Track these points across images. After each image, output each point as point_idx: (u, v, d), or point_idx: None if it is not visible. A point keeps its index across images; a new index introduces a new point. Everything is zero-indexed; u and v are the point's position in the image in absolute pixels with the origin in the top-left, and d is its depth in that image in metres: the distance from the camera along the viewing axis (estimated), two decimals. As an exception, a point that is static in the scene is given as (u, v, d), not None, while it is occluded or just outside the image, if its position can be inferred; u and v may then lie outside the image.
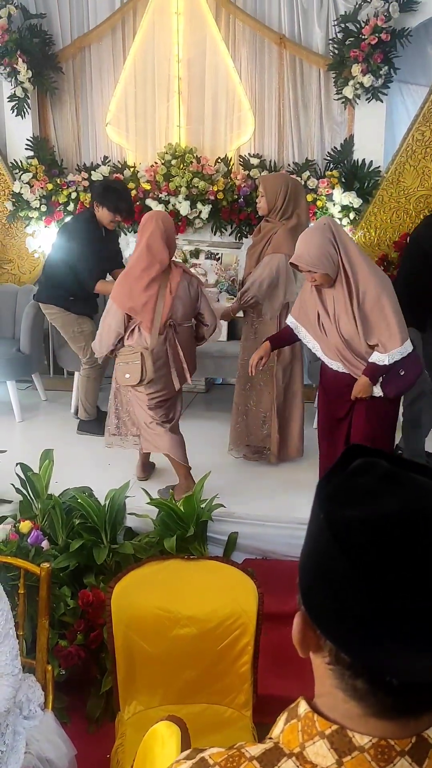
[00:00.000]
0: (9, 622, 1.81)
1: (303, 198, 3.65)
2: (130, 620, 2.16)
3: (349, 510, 0.64)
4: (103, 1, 5.03)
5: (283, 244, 3.48)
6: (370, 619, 0.61)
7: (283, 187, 3.53)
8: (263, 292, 3.54)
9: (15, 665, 1.82)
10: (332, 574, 0.64)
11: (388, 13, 4.49)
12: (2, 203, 5.18)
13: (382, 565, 0.61)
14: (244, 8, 4.87)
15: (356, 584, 0.62)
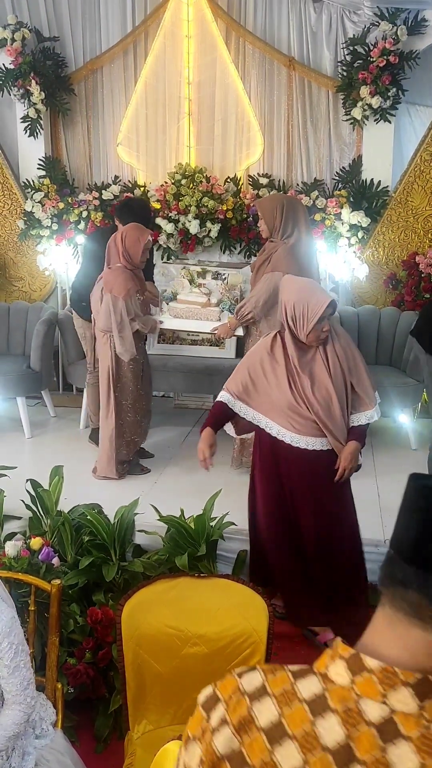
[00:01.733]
0: (19, 655, 1.79)
1: (302, 213, 3.67)
2: (140, 638, 2.15)
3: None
4: (115, 24, 5.12)
5: (282, 262, 3.52)
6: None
7: (278, 207, 3.57)
8: (260, 309, 3.56)
9: (27, 695, 1.81)
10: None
11: (396, 36, 4.56)
12: (14, 222, 5.25)
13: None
14: (254, 31, 4.95)
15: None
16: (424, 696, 0.74)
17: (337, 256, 4.85)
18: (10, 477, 3.48)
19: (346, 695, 0.77)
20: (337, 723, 0.76)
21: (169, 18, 4.99)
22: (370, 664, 0.77)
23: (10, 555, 2.81)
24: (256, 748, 0.79)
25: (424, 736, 0.72)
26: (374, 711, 0.75)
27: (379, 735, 0.74)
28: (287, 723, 0.78)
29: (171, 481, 3.86)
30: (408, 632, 0.78)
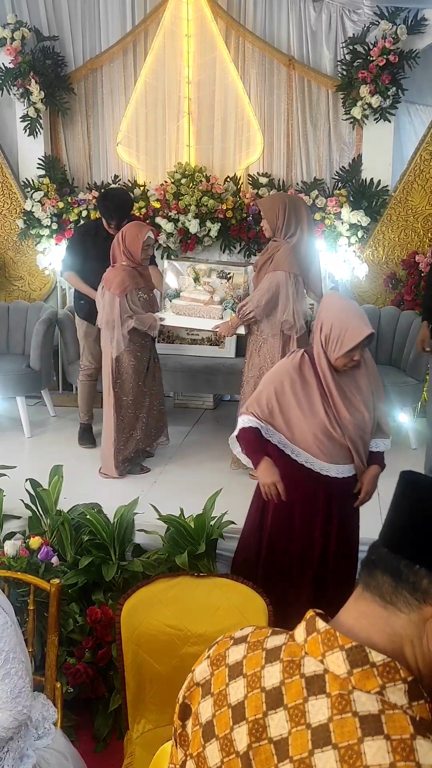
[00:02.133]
0: (9, 662, 1.75)
1: (304, 212, 3.66)
2: (139, 638, 2.15)
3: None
4: (115, 23, 5.12)
5: (284, 261, 3.51)
6: None
7: (280, 206, 3.56)
8: (261, 309, 3.56)
9: (18, 702, 1.76)
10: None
11: (396, 35, 4.56)
12: (14, 221, 5.25)
13: None
14: (253, 31, 4.95)
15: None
16: (354, 663, 0.80)
17: (337, 255, 4.85)
18: (9, 476, 3.48)
19: (297, 651, 0.86)
20: (278, 670, 0.86)
21: (168, 17, 4.99)
22: (318, 626, 0.86)
23: (9, 554, 2.81)
24: (219, 679, 0.92)
25: (341, 695, 0.80)
26: (311, 666, 0.83)
27: (306, 686, 0.82)
28: (245, 664, 0.90)
29: (171, 481, 3.86)
30: (368, 607, 0.85)
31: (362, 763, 0.75)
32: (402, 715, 0.77)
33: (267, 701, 0.84)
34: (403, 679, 0.80)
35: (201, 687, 0.94)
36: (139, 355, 3.83)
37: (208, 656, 0.96)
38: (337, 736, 0.77)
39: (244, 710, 0.86)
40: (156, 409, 4.04)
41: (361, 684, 0.79)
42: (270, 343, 3.61)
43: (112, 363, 3.81)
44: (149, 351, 3.93)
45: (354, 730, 0.77)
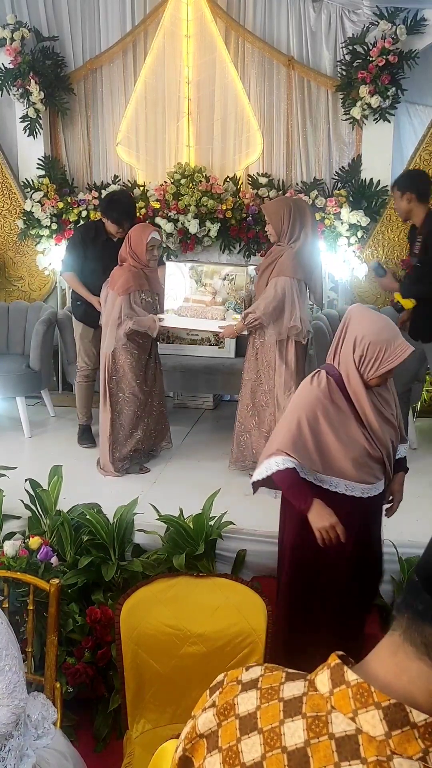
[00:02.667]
0: (2, 660, 1.78)
1: (309, 215, 3.66)
2: (139, 638, 2.15)
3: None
4: (114, 24, 5.12)
5: (289, 267, 3.51)
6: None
7: (285, 210, 3.55)
8: (269, 316, 3.55)
9: (15, 697, 1.79)
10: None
11: (396, 36, 4.56)
12: (14, 221, 5.25)
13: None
14: (253, 31, 4.95)
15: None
16: (393, 723, 0.71)
17: (337, 255, 4.85)
18: (9, 476, 3.48)
19: (322, 704, 0.76)
20: (302, 727, 0.75)
21: (168, 17, 4.99)
22: (348, 678, 0.75)
23: (8, 554, 2.81)
24: (229, 733, 0.81)
25: (379, 762, 0.70)
26: (340, 725, 0.73)
27: (336, 749, 0.72)
28: (260, 716, 0.79)
29: (170, 481, 3.86)
30: (412, 664, 0.74)
31: None
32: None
33: (290, 764, 0.74)
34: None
35: (206, 739, 0.83)
36: (136, 354, 3.83)
37: (212, 704, 0.85)
38: None
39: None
40: (157, 410, 4.04)
41: (402, 748, 0.70)
42: (269, 347, 3.62)
43: (107, 360, 3.82)
44: (148, 351, 3.93)
45: None
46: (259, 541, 3.24)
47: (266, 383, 3.67)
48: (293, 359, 3.60)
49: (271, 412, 3.67)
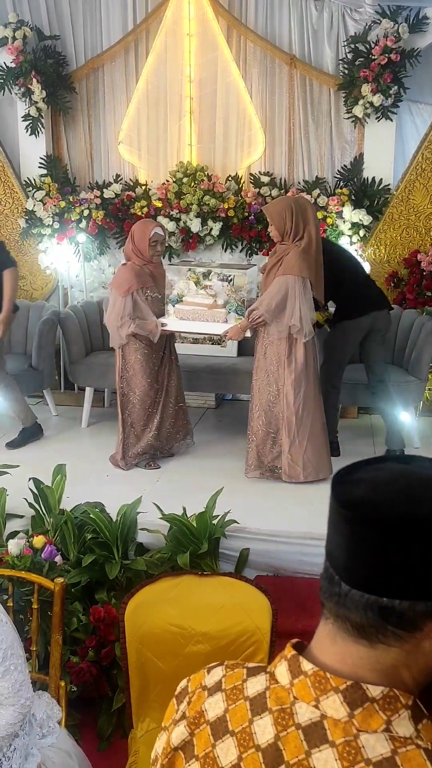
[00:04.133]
0: (8, 659, 1.79)
1: (311, 213, 3.65)
2: (143, 637, 2.15)
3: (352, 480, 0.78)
4: (116, 22, 5.12)
5: (294, 265, 3.50)
6: None
7: (287, 210, 3.54)
8: (271, 312, 3.54)
9: (21, 695, 1.80)
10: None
11: (398, 34, 4.56)
12: (16, 220, 5.25)
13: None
14: (255, 29, 4.95)
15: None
16: (353, 703, 0.73)
17: (339, 254, 4.84)
18: (12, 475, 3.48)
19: (285, 696, 0.78)
20: (270, 723, 0.77)
21: (170, 16, 4.99)
22: (305, 668, 0.77)
23: (13, 553, 2.81)
24: (203, 740, 0.81)
25: (347, 743, 0.72)
26: (305, 714, 0.75)
27: (304, 738, 0.74)
28: (230, 719, 0.80)
29: (173, 479, 3.86)
30: (351, 648, 0.76)
31: None
32: (416, 751, 0.72)
33: (266, 761, 0.76)
34: (405, 705, 0.74)
35: (182, 751, 0.83)
36: (147, 353, 3.83)
37: (183, 715, 0.85)
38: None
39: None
40: (174, 407, 4.03)
41: (366, 725, 0.73)
42: (276, 345, 3.61)
43: (118, 359, 3.83)
44: (162, 348, 3.93)
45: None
46: (262, 539, 3.24)
47: (274, 383, 3.66)
48: (302, 358, 3.59)
49: (279, 412, 3.66)
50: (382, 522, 0.73)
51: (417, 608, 0.73)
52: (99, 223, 5.06)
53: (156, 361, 3.90)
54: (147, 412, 3.91)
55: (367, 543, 0.74)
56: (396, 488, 0.76)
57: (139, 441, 3.95)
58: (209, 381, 4.69)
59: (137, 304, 3.75)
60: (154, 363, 3.89)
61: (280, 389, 3.64)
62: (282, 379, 3.62)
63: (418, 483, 0.77)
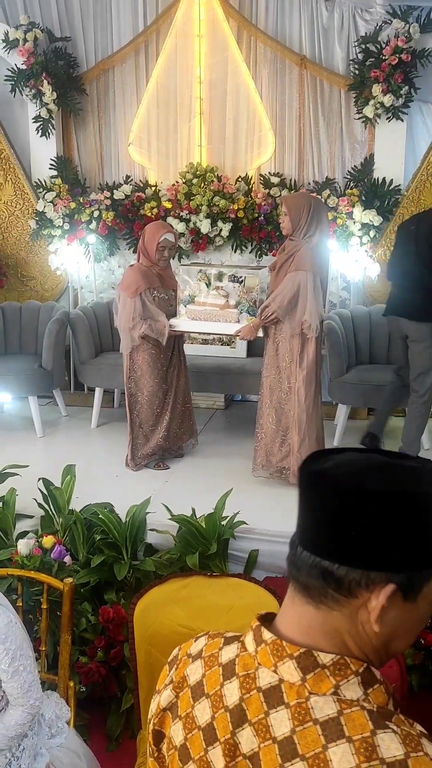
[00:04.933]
0: (18, 660, 1.79)
1: (325, 215, 3.66)
2: (152, 637, 2.15)
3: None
4: (126, 24, 5.13)
5: (306, 261, 3.49)
6: None
7: (306, 206, 3.54)
8: (284, 309, 3.54)
9: (30, 696, 1.80)
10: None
11: (409, 34, 4.54)
12: (26, 221, 5.27)
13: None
14: (265, 30, 4.94)
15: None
16: (305, 669, 0.82)
17: (349, 255, 4.83)
18: (22, 476, 3.49)
19: (250, 663, 0.87)
20: (237, 686, 0.86)
21: (180, 17, 4.99)
22: (265, 637, 0.86)
23: (22, 553, 2.82)
24: (185, 702, 0.92)
25: (299, 704, 0.81)
26: (266, 678, 0.84)
27: (264, 699, 0.83)
28: (206, 683, 0.90)
29: (182, 480, 3.86)
30: (302, 609, 0.85)
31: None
32: (360, 712, 0.79)
33: (232, 720, 0.85)
34: (354, 672, 0.82)
35: (169, 711, 0.94)
36: (155, 353, 3.84)
37: (171, 680, 0.96)
38: (302, 747, 0.79)
39: (214, 731, 0.87)
40: (181, 407, 4.04)
41: (317, 688, 0.81)
42: (289, 342, 3.60)
43: (127, 360, 3.84)
44: (171, 348, 3.93)
45: (317, 738, 0.79)
46: (272, 541, 3.23)
47: (286, 380, 3.64)
48: (313, 355, 3.58)
49: (290, 410, 3.64)
50: (331, 489, 0.82)
51: (352, 575, 0.81)
52: (109, 224, 5.07)
53: (164, 361, 3.91)
54: (155, 412, 3.91)
55: (317, 508, 0.84)
56: (356, 467, 0.84)
57: (148, 442, 3.95)
58: (218, 382, 4.69)
59: (145, 304, 3.76)
60: (163, 363, 3.90)
61: (291, 386, 3.63)
62: (294, 376, 3.61)
63: (378, 465, 0.84)
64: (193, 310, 3.92)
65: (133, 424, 3.92)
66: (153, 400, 3.89)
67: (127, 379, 3.89)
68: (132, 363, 3.85)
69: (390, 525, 0.80)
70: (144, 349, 3.82)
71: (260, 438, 3.75)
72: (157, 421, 3.94)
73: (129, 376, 3.88)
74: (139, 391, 3.89)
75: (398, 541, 0.80)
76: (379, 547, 0.80)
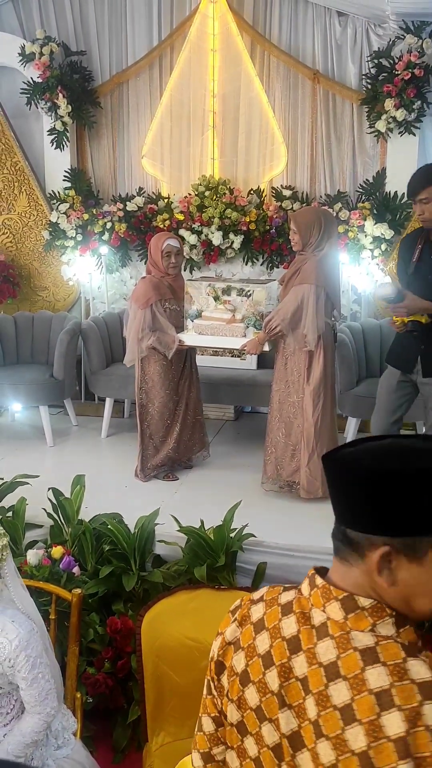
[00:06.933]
0: (37, 667, 1.81)
1: (335, 228, 3.66)
2: (159, 650, 2.15)
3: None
4: (141, 38, 5.19)
5: (311, 274, 3.49)
6: None
7: (316, 222, 3.53)
8: (288, 322, 3.53)
9: (47, 704, 1.83)
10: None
11: (422, 49, 4.56)
12: (40, 232, 5.32)
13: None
14: (278, 45, 4.98)
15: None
16: (348, 609, 0.99)
17: (360, 268, 4.84)
18: (32, 485, 3.50)
19: (305, 603, 1.05)
20: (294, 621, 1.04)
21: (194, 32, 5.04)
22: (317, 582, 1.05)
23: (31, 563, 2.83)
24: (247, 635, 1.10)
25: (341, 637, 0.98)
26: (317, 617, 1.03)
27: (315, 633, 1.01)
28: (266, 619, 1.08)
29: (191, 491, 3.86)
30: (339, 565, 1.04)
31: (367, 687, 0.92)
32: (393, 644, 0.95)
33: (289, 648, 1.03)
34: (389, 614, 0.98)
35: (233, 645, 1.13)
36: (166, 364, 3.85)
37: (234, 619, 1.15)
38: (344, 669, 0.95)
39: (271, 657, 1.05)
40: (192, 419, 4.04)
41: (356, 625, 0.98)
42: (297, 356, 3.59)
43: (137, 370, 3.86)
44: (183, 360, 3.94)
45: (356, 663, 0.95)
46: (280, 554, 3.22)
47: (294, 394, 3.64)
48: (321, 369, 3.57)
49: (299, 424, 3.64)
50: (338, 469, 1.02)
51: (359, 538, 0.99)
52: (121, 235, 5.11)
53: (176, 373, 3.92)
54: (166, 423, 3.92)
55: (333, 485, 1.04)
56: (378, 451, 0.99)
57: (158, 453, 3.96)
58: (229, 393, 4.69)
59: (155, 316, 3.77)
60: (174, 375, 3.91)
61: (299, 401, 3.62)
62: (302, 390, 3.60)
63: (399, 449, 1.00)
64: (199, 324, 3.93)
65: (144, 434, 3.93)
66: (164, 411, 3.90)
67: (138, 389, 3.90)
68: (143, 374, 3.87)
69: (381, 497, 0.96)
70: (155, 360, 3.83)
71: (270, 452, 3.74)
72: (168, 432, 3.95)
73: (140, 387, 3.90)
74: (150, 402, 3.90)
75: (390, 510, 0.96)
76: (375, 516, 0.97)
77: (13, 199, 5.35)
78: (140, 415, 3.92)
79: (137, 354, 3.82)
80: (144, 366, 3.86)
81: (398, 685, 0.90)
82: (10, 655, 1.78)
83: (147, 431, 3.93)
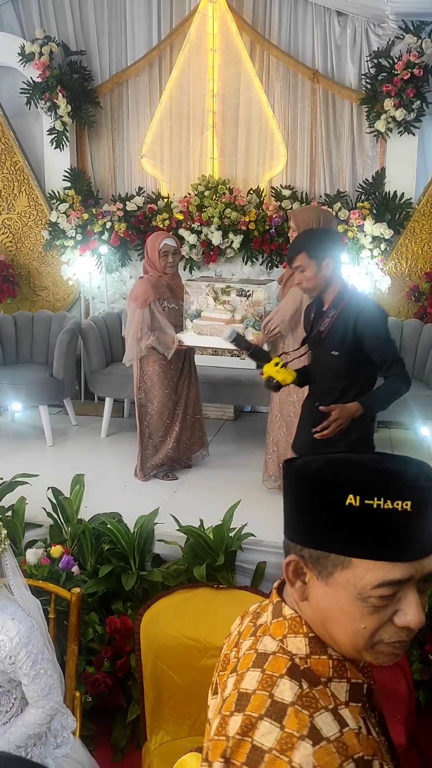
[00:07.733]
0: (39, 663, 1.83)
1: (335, 226, 3.66)
2: (158, 649, 2.15)
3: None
4: (141, 38, 5.19)
5: None
6: None
7: (315, 221, 3.52)
8: (287, 324, 3.53)
9: (50, 699, 1.85)
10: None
11: (421, 49, 4.56)
12: (39, 232, 5.32)
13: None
14: (278, 45, 4.98)
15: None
16: (275, 615, 1.00)
17: (360, 267, 4.84)
18: (31, 485, 3.50)
19: (266, 604, 1.07)
20: (249, 620, 1.07)
21: (194, 32, 5.04)
22: (275, 584, 1.07)
23: (31, 563, 2.83)
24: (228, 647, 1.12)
25: (257, 638, 1.00)
26: (263, 617, 1.04)
27: (251, 631, 1.03)
28: (245, 615, 1.12)
29: (191, 491, 3.87)
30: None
31: (239, 686, 0.95)
32: (286, 660, 0.94)
33: (235, 641, 1.08)
34: (305, 634, 0.96)
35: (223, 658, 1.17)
36: (165, 364, 3.85)
37: (231, 633, 1.17)
38: (240, 665, 0.99)
39: (224, 648, 1.13)
40: (191, 418, 4.05)
41: (274, 631, 0.99)
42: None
43: (136, 369, 3.86)
44: (182, 360, 3.95)
45: (249, 662, 0.97)
46: (280, 553, 3.20)
47: (294, 393, 3.65)
48: None
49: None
50: (293, 476, 0.99)
51: (287, 544, 0.99)
52: (121, 235, 5.11)
53: (175, 372, 3.92)
54: (165, 423, 3.93)
55: (287, 491, 1.02)
56: (331, 463, 0.96)
57: (157, 452, 3.96)
58: (228, 392, 4.69)
59: (154, 315, 3.78)
60: (173, 374, 3.91)
61: (301, 399, 3.62)
62: (302, 390, 3.60)
63: (344, 460, 0.97)
64: (198, 324, 3.93)
65: (143, 434, 3.94)
66: (163, 410, 3.90)
67: (137, 389, 3.91)
68: (142, 373, 3.87)
69: (300, 501, 0.96)
70: (155, 359, 3.84)
71: (272, 450, 3.75)
72: (167, 431, 3.95)
73: (139, 387, 3.90)
74: (149, 402, 3.90)
75: (304, 517, 0.96)
76: (291, 521, 0.98)
77: (12, 199, 5.36)
78: (139, 414, 3.92)
79: (136, 353, 3.82)
80: (143, 365, 3.86)
81: (258, 693, 0.91)
82: (11, 652, 1.79)
83: (146, 431, 3.94)
